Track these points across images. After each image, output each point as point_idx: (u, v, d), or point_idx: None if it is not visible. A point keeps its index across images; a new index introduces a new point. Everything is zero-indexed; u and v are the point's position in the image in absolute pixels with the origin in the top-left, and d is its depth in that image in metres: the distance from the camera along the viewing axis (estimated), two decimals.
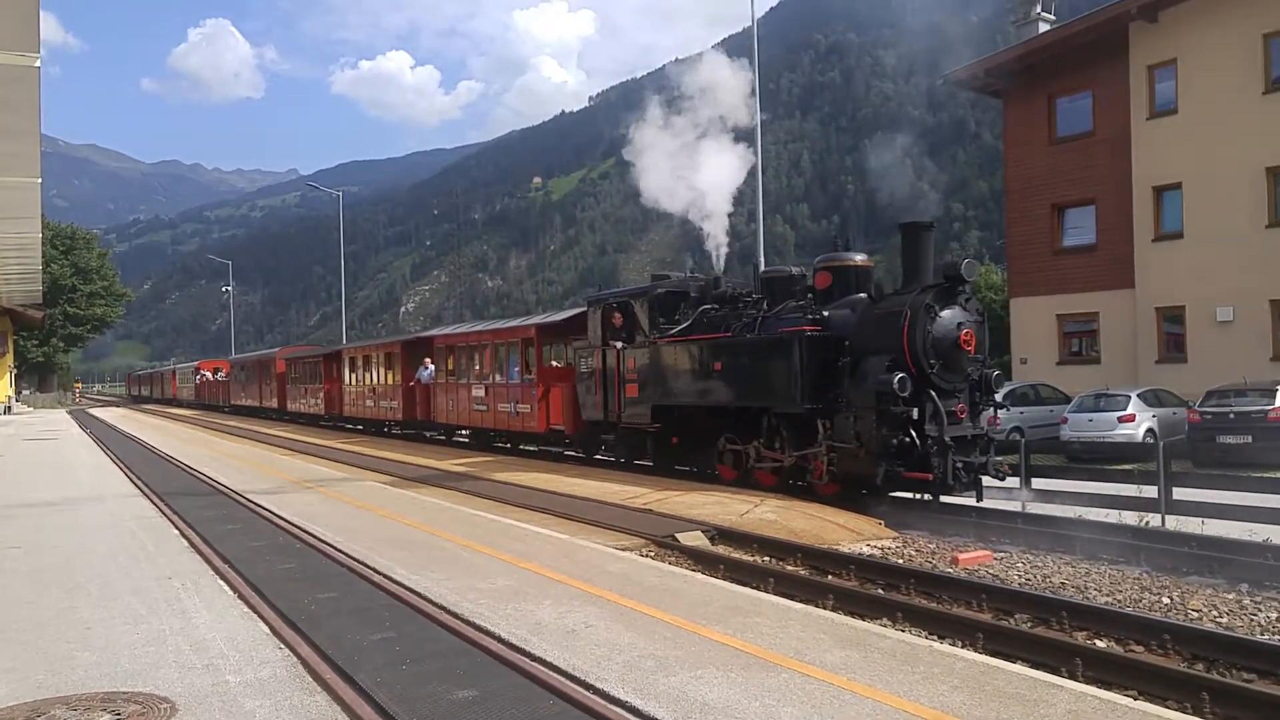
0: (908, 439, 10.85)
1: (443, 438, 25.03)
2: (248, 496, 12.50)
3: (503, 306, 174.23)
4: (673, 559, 9.30)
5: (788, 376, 12.14)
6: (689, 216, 15.78)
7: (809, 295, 13.10)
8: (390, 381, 26.75)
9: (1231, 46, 22.18)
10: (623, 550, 9.07)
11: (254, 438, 27.49)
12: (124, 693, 4.79)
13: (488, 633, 5.73)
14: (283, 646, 5.59)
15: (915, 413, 10.88)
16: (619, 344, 15.70)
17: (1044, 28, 26.95)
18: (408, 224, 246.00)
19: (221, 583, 7.39)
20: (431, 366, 24.38)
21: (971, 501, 11.27)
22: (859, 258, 13.12)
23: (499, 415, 20.44)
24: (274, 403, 38.36)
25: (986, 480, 11.35)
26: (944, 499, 11.49)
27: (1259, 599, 7.40)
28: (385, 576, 7.33)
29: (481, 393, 21.29)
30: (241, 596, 6.89)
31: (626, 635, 5.65)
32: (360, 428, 30.03)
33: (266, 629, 6.00)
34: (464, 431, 23.96)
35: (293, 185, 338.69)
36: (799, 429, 12.36)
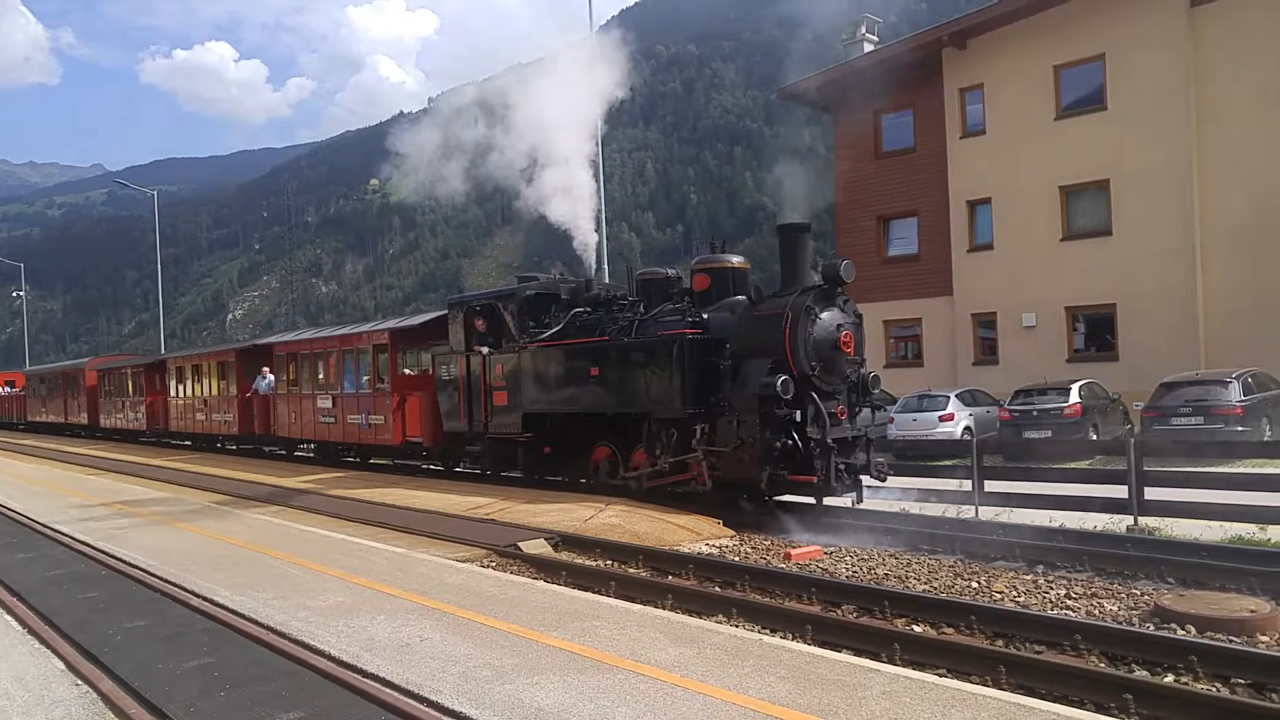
0: (790, 441, 10.81)
1: (283, 453, 23.72)
2: (43, 522, 11.66)
3: (338, 313, 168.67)
4: (514, 568, 9.29)
5: (668, 380, 11.86)
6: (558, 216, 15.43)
7: (686, 298, 12.95)
8: (224, 392, 25.03)
9: (1028, 75, 24.04)
10: (463, 562, 9.01)
11: (57, 458, 25.32)
12: None
13: (317, 651, 5.61)
14: (80, 683, 5.29)
15: (798, 415, 10.86)
16: (485, 349, 15.04)
17: (869, 48, 28.43)
18: (234, 226, 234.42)
19: (9, 618, 6.89)
20: (271, 376, 22.98)
21: (809, 500, 11.36)
22: (736, 259, 13.00)
23: (349, 428, 19.24)
24: (83, 418, 35.49)
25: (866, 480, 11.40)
26: (827, 501, 11.37)
27: (1051, 578, 8.06)
28: (205, 599, 7.04)
29: (329, 404, 19.98)
30: (32, 631, 6.46)
31: (463, 646, 5.65)
32: (189, 443, 28.22)
33: (61, 665, 5.66)
34: (306, 446, 22.69)
35: (98, 182, 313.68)
36: (680, 434, 12.03)
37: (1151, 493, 10.36)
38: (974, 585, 8.01)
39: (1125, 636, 6.18)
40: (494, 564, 9.34)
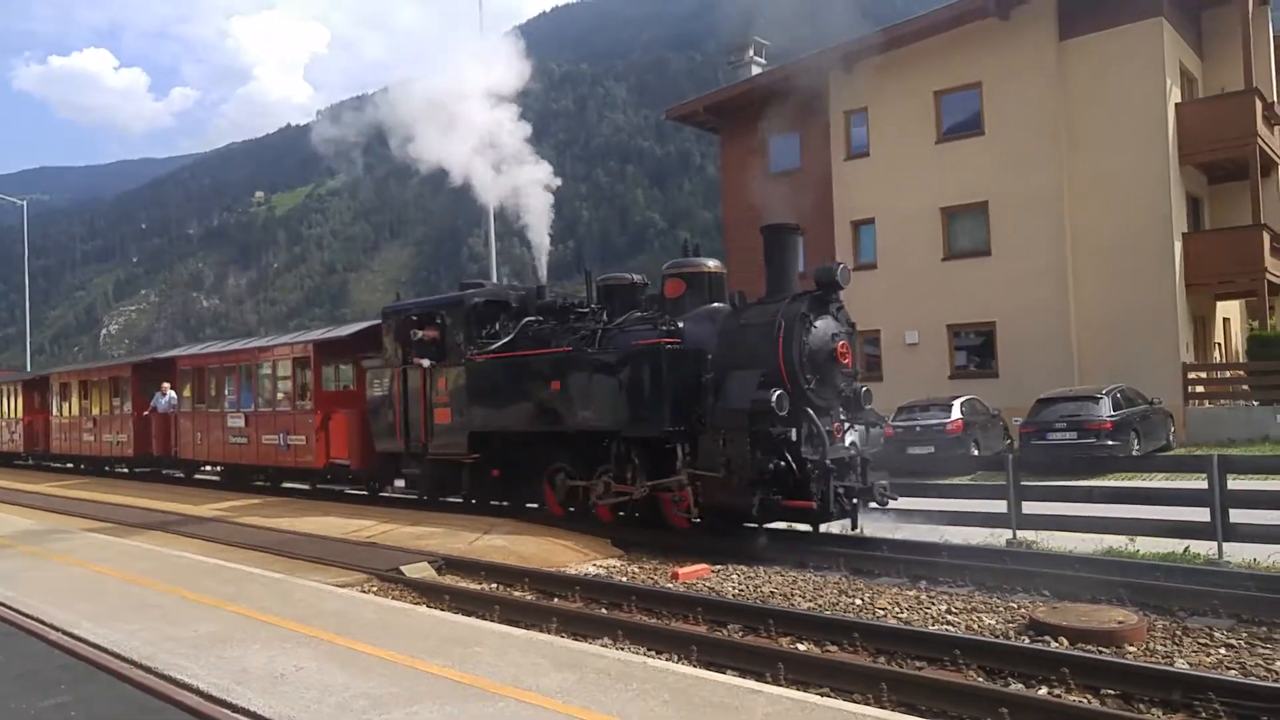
0: (783, 463, 9.84)
1: (180, 476, 21.93)
2: None
3: (220, 328, 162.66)
4: (396, 593, 9.03)
5: (646, 395, 10.61)
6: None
7: (655, 305, 11.92)
8: (117, 411, 22.91)
9: (911, 100, 24.92)
10: (343, 587, 8.71)
11: None
12: None
13: (185, 686, 5.31)
14: None
15: (793, 433, 9.90)
16: (425, 362, 13.57)
17: (756, 70, 29.00)
18: (111, 238, 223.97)
19: None
20: (172, 393, 21.07)
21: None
22: (712, 263, 11.99)
23: (264, 449, 17.45)
24: None
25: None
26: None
27: (933, 594, 8.22)
28: (65, 633, 6.61)
29: (241, 422, 18.23)
30: None
31: (341, 676, 5.42)
32: (71, 466, 26.13)
33: None
34: (210, 469, 21.00)
35: None
36: (655, 455, 10.92)
37: (1029, 507, 10.67)
38: (858, 602, 8.11)
39: (1002, 650, 6.32)
40: (375, 589, 9.05)
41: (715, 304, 11.45)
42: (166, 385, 21.42)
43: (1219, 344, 26.07)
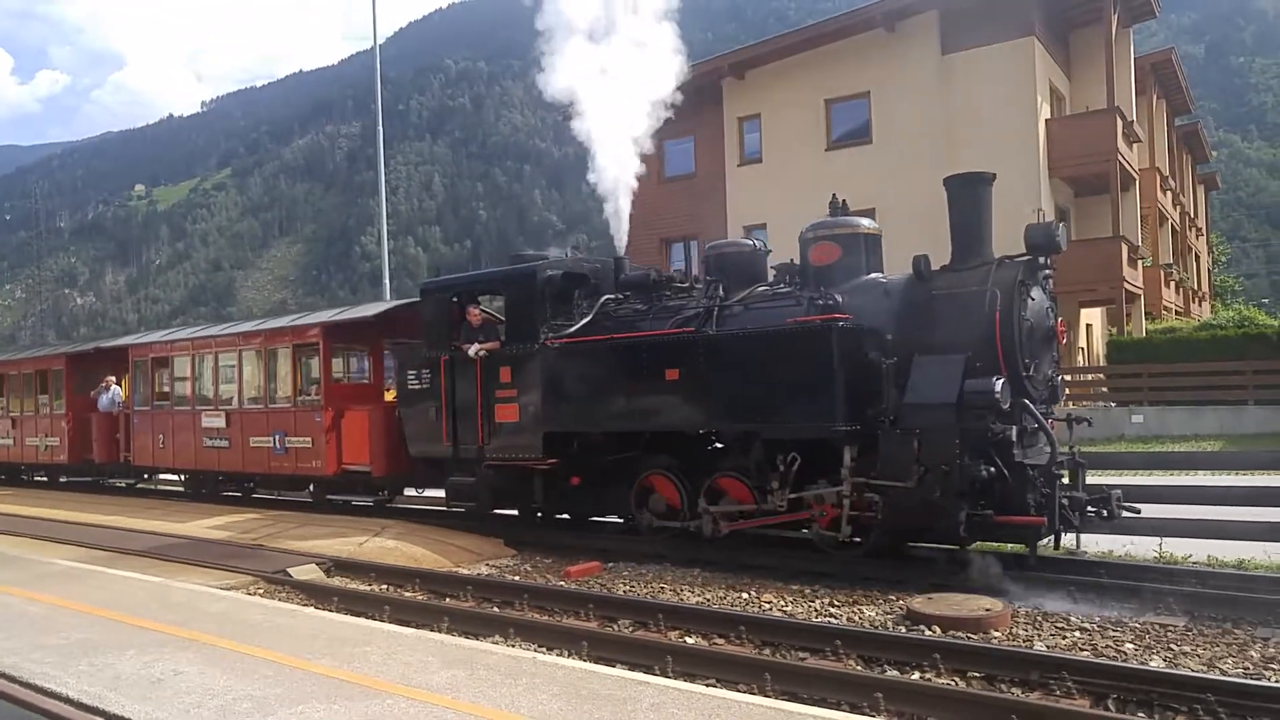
0: (992, 469, 7.92)
1: (122, 486, 19.29)
2: None
3: (97, 326, 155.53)
4: (283, 594, 8.87)
5: (811, 385, 8.59)
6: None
7: (785, 276, 9.90)
8: (46, 410, 19.75)
9: (802, 107, 25.60)
10: (226, 589, 8.52)
11: None
12: None
13: (53, 695, 5.13)
14: None
15: (1013, 432, 8.04)
16: (476, 348, 11.25)
17: None
18: None
19: None
20: (117, 388, 18.40)
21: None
22: (867, 223, 10.04)
23: (253, 453, 14.65)
24: None
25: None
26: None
27: (816, 588, 8.48)
28: None
29: (220, 422, 15.33)
30: None
31: (223, 679, 5.33)
32: None
33: None
34: (166, 476, 18.09)
35: None
36: (804, 460, 8.92)
37: None
38: (745, 596, 8.32)
39: (879, 639, 6.60)
40: (261, 591, 8.88)
41: (874, 274, 9.56)
42: (110, 379, 18.57)
43: (1082, 349, 27.53)
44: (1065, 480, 8.19)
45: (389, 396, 13.88)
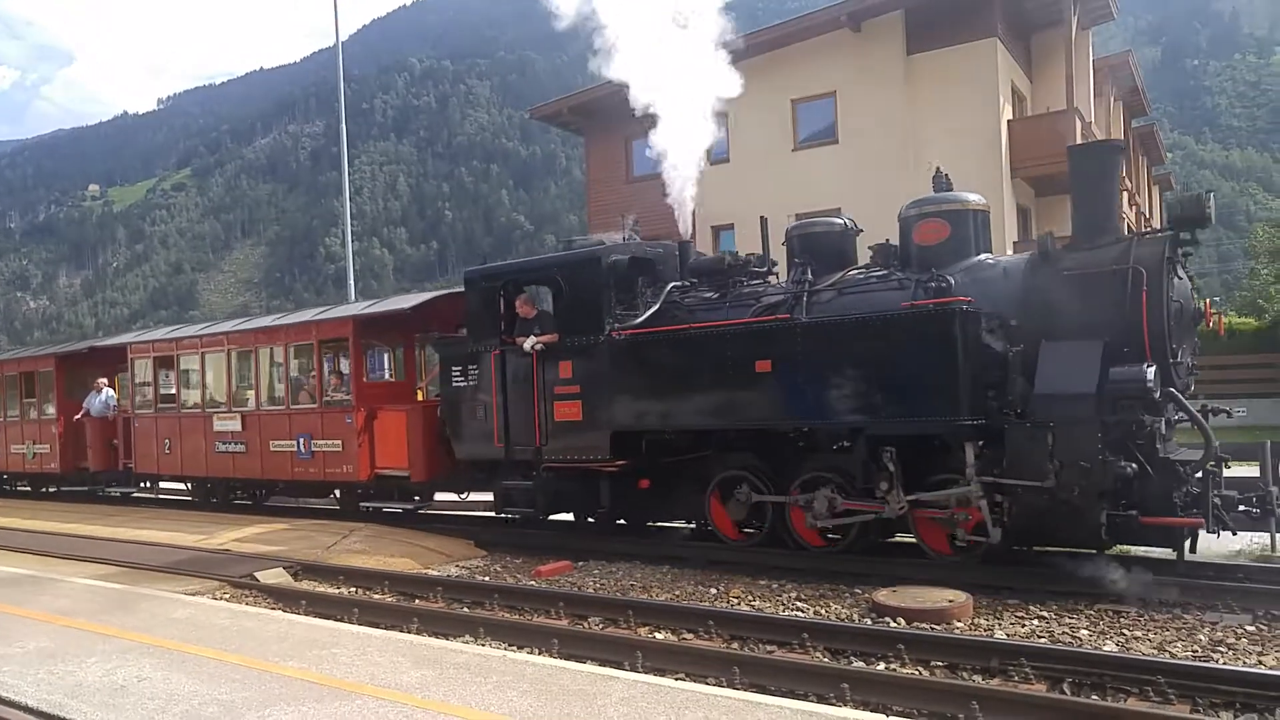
0: (1134, 466, 7.15)
1: (116, 494, 18.07)
2: None
3: (51, 330, 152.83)
4: (250, 599, 8.80)
5: (931, 375, 7.81)
6: None
7: (882, 257, 9.08)
8: (34, 415, 18.50)
9: (769, 107, 25.67)
10: (192, 595, 8.44)
11: None
12: None
13: (11, 704, 5.07)
14: None
15: (1162, 425, 7.36)
16: (538, 340, 10.31)
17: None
18: None
19: None
20: (109, 390, 17.36)
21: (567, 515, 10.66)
22: (974, 198, 9.03)
23: (273, 459, 13.57)
24: None
25: None
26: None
27: (783, 583, 8.55)
28: None
29: (235, 425, 14.23)
30: None
31: (189, 684, 5.29)
32: None
33: None
34: (168, 485, 17.12)
35: None
36: (918, 458, 8.22)
37: None
38: (713, 591, 8.39)
39: (845, 631, 6.70)
40: (227, 595, 8.80)
41: (984, 254, 8.79)
42: (103, 381, 17.46)
43: None
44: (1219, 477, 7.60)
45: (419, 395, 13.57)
